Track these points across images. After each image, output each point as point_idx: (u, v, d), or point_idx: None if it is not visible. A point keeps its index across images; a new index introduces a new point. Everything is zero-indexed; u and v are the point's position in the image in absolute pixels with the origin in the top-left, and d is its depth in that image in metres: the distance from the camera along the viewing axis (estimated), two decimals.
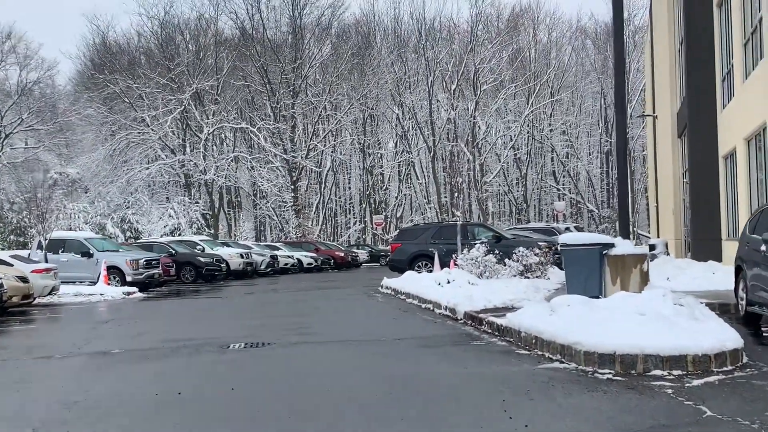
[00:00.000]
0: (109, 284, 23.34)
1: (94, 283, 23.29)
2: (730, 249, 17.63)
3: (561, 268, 20.83)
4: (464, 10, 76.91)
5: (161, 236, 38.33)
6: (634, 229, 51.02)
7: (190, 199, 49.37)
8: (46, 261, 22.77)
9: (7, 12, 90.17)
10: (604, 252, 11.41)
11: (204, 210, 53.99)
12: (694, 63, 22.85)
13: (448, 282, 16.32)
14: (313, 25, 63.19)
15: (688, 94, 23.31)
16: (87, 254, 24.58)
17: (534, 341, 9.21)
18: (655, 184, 34.79)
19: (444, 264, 19.86)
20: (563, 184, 70.73)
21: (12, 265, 19.28)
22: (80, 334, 12.84)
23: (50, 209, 33.08)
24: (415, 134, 66.92)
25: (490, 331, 10.87)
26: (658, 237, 32.05)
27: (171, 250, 29.74)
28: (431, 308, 14.53)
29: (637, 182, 60.78)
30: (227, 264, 30.72)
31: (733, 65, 19.82)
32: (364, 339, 10.76)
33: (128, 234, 39.29)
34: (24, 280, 18.03)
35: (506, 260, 18.28)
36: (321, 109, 60.04)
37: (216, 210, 57.55)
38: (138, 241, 35.44)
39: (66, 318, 16.58)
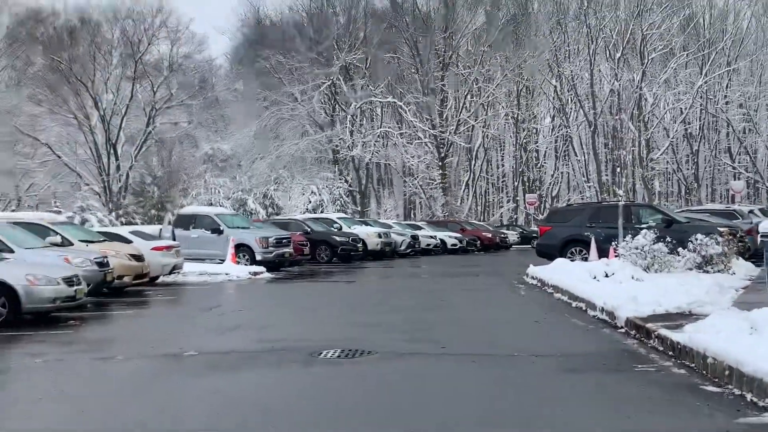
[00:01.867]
0: (237, 263, 22.06)
1: (224, 261, 22.08)
2: None
3: (746, 260, 17.57)
4: None
5: (303, 213, 37.22)
6: None
7: (335, 175, 48.25)
8: (174, 238, 21.79)
9: None
10: None
11: (351, 187, 52.82)
12: None
13: (606, 275, 13.49)
14: None
15: None
16: (217, 231, 23.43)
17: (728, 373, 6.53)
18: None
19: (602, 252, 16.92)
20: (739, 162, 64.29)
21: (131, 242, 18.25)
22: (170, 326, 11.30)
23: (192, 185, 32.79)
24: (575, 107, 62.70)
25: (661, 348, 8.16)
26: None
27: (307, 228, 28.30)
28: (583, 308, 11.82)
29: None
30: (364, 244, 28.95)
31: None
32: (491, 353, 8.33)
33: (269, 210, 38.57)
34: (138, 258, 16.87)
35: (679, 249, 15.16)
36: (472, 81, 57.17)
37: (363, 187, 56.27)
38: (275, 217, 34.40)
39: (175, 302, 15.20)
